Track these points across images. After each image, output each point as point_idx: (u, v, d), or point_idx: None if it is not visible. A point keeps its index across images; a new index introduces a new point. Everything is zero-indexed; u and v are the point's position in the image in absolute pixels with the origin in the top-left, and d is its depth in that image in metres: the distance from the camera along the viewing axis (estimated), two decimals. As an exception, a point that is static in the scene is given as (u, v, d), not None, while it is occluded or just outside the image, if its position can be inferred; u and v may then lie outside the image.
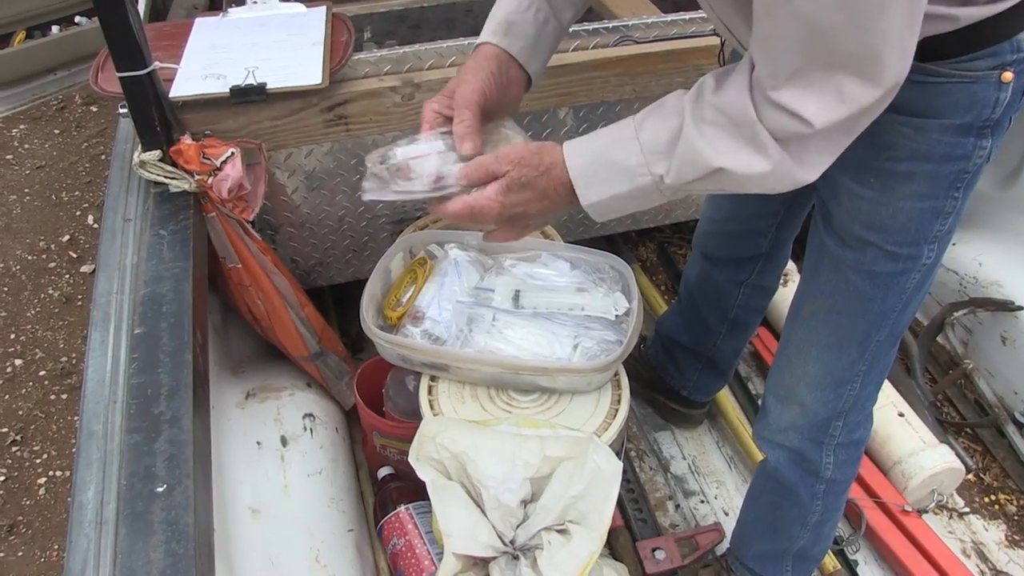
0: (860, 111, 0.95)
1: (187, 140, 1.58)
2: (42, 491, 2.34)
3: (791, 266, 2.35)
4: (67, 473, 2.37)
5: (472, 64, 1.27)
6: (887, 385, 2.15)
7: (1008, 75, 1.08)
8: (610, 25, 1.95)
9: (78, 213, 3.40)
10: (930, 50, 1.04)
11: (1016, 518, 2.08)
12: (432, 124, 1.27)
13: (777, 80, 0.95)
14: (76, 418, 2.31)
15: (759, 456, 1.61)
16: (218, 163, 1.57)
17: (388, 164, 1.24)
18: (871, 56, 0.90)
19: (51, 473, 2.39)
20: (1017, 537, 2.03)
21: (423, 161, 1.22)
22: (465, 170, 1.17)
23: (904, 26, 0.89)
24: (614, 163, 1.09)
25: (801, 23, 0.89)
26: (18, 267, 3.11)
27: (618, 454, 1.55)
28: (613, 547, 1.86)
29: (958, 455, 2.07)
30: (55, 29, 3.99)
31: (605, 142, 1.11)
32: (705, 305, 1.94)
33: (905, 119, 1.13)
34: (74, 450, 1.20)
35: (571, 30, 1.90)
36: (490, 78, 1.25)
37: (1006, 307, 2.19)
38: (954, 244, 2.32)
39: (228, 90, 1.63)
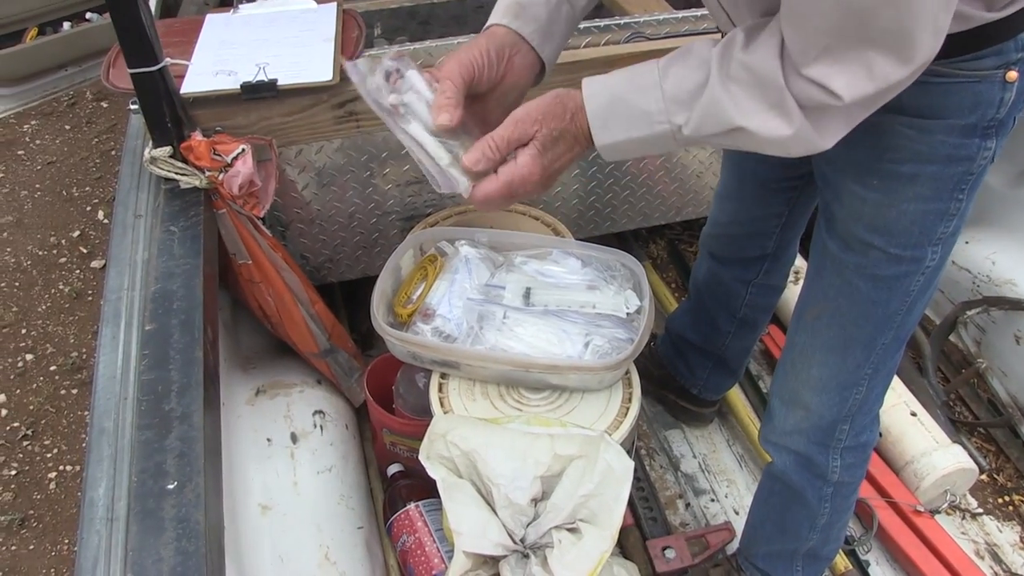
0: (888, 87, 0.94)
1: (198, 136, 1.58)
2: (53, 485, 2.35)
3: (801, 263, 2.33)
4: (77, 468, 2.38)
5: (470, 42, 1.20)
6: (899, 384, 2.14)
7: (1013, 74, 1.07)
8: (621, 22, 1.94)
9: (88, 208, 3.41)
10: None
11: (1029, 519, 2.07)
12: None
13: (807, 56, 0.93)
14: (86, 413, 2.32)
15: (768, 456, 1.61)
16: (229, 159, 1.57)
17: (389, 74, 1.18)
18: (904, 33, 0.88)
19: (61, 468, 2.39)
20: (1030, 538, 2.02)
21: (414, 109, 1.17)
22: (478, 153, 1.10)
23: (939, 6, 0.87)
24: (634, 107, 1.05)
25: (837, 1, 0.87)
26: (29, 262, 3.12)
27: (629, 452, 1.54)
28: (623, 546, 1.86)
29: (971, 455, 2.05)
30: (66, 25, 3.99)
31: (626, 85, 1.07)
32: (713, 304, 1.94)
33: (908, 120, 1.11)
34: (84, 445, 1.20)
35: (582, 26, 1.90)
36: (483, 54, 1.17)
37: (1020, 306, 2.18)
38: (967, 242, 2.31)
39: (239, 86, 1.63)
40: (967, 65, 1.06)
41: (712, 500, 2.07)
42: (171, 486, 1.09)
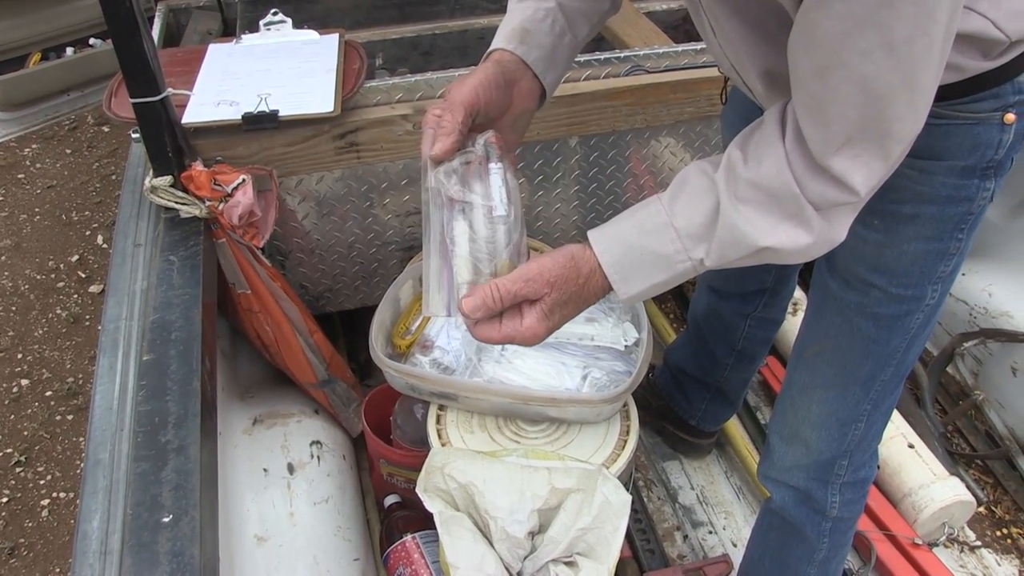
0: (890, 172, 0.94)
1: (199, 166, 1.58)
2: (45, 513, 2.33)
3: (799, 295, 2.34)
4: (71, 495, 2.37)
5: (476, 70, 1.16)
6: (897, 416, 2.14)
7: (1011, 116, 1.08)
8: (622, 55, 1.95)
9: (88, 233, 3.41)
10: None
11: (1028, 552, 2.06)
12: (431, 127, 1.12)
13: (829, 147, 0.90)
14: (82, 439, 2.31)
15: (767, 491, 1.60)
16: (229, 189, 1.57)
17: (470, 162, 1.09)
18: (914, 116, 0.88)
19: (55, 495, 2.38)
20: (1029, 572, 2.01)
21: (472, 212, 1.08)
22: (479, 299, 1.01)
23: (935, 79, 0.87)
24: (650, 252, 1.01)
25: (858, 87, 0.85)
26: (27, 286, 3.12)
27: (627, 485, 1.54)
28: (620, 578, 1.85)
29: (969, 487, 2.05)
30: (69, 51, 4.01)
31: (636, 232, 1.02)
32: (712, 337, 1.94)
33: (909, 161, 1.12)
34: (79, 472, 1.20)
35: (582, 59, 1.91)
36: (488, 81, 1.13)
37: (1016, 338, 2.18)
38: (963, 274, 2.31)
39: (240, 117, 1.64)
40: (966, 108, 1.07)
41: (710, 532, 2.06)
42: (166, 519, 1.08)
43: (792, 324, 2.24)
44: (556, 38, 1.22)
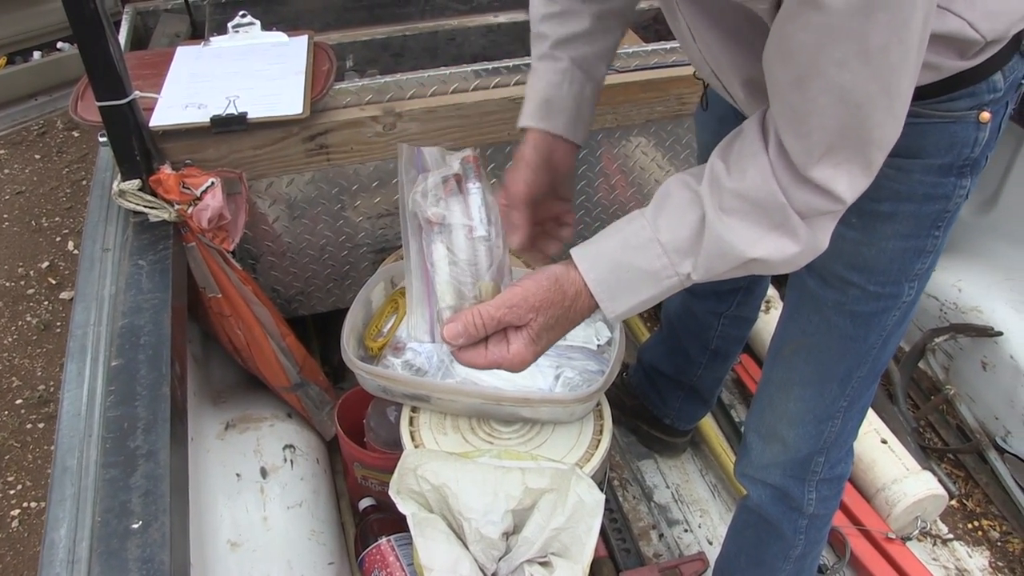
0: (873, 177, 0.93)
1: (167, 170, 1.57)
2: (15, 523, 2.30)
3: (772, 292, 2.35)
4: (42, 504, 2.34)
5: (520, 155, 1.24)
6: (870, 412, 2.14)
7: (986, 115, 1.09)
8: (591, 54, 1.95)
9: (58, 239, 3.38)
10: None
11: (999, 544, 2.08)
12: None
13: (811, 157, 0.90)
14: (53, 448, 2.28)
15: (743, 489, 1.61)
16: (198, 193, 1.56)
17: (447, 180, 1.09)
18: (894, 122, 0.88)
19: (25, 504, 2.35)
20: (1000, 563, 2.03)
21: (451, 233, 1.08)
22: (460, 326, 1.00)
23: (912, 83, 0.87)
24: (636, 269, 1.00)
25: (836, 97, 0.85)
26: (-4, 294, 3.08)
27: (601, 484, 1.54)
28: (597, 578, 1.85)
29: (941, 481, 2.07)
30: (37, 55, 3.99)
31: (620, 248, 1.01)
32: (686, 336, 1.94)
33: (887, 159, 1.13)
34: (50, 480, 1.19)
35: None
36: (532, 169, 1.22)
37: (986, 333, 2.20)
38: (934, 270, 2.33)
39: (209, 119, 1.63)
40: (942, 106, 1.08)
41: (685, 530, 2.07)
42: (136, 525, 1.07)
43: (765, 322, 2.26)
44: (577, 95, 1.25)
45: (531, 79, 1.27)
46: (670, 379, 2.05)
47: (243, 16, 1.97)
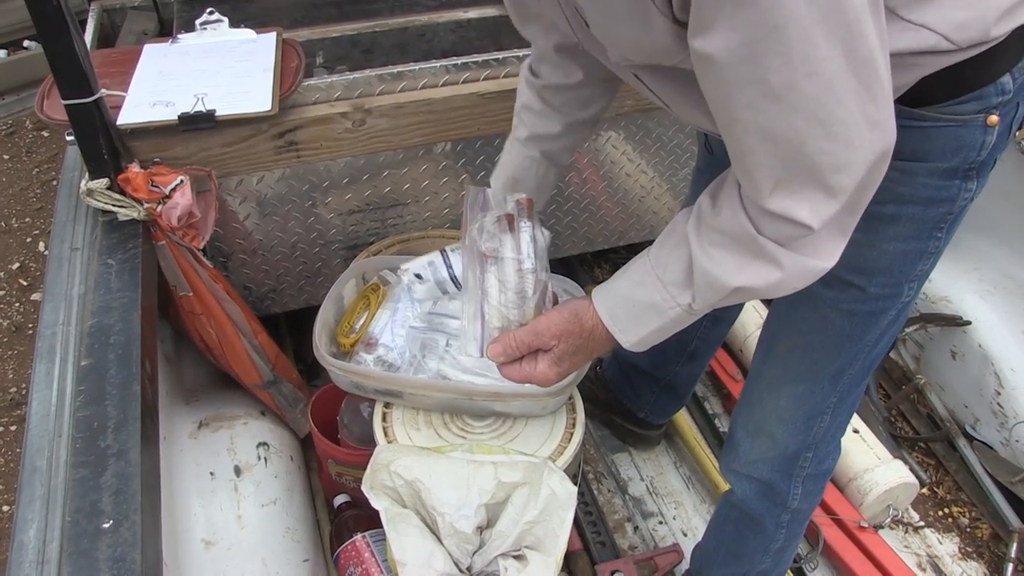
0: (854, 194, 0.92)
1: (135, 168, 1.56)
2: (-11, 526, 2.29)
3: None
4: (13, 508, 2.32)
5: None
6: (841, 402, 2.17)
7: (994, 118, 1.07)
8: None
9: (28, 240, 3.34)
10: (917, 95, 1.04)
11: (968, 530, 2.11)
12: None
13: (761, 192, 0.92)
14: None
15: (717, 477, 1.62)
16: (167, 191, 1.56)
17: (500, 219, 1.24)
18: (842, 144, 0.87)
19: (-2, 507, 2.34)
20: (969, 549, 2.06)
21: (503, 266, 1.23)
22: (501, 346, 1.17)
23: (864, 101, 0.85)
24: (641, 303, 1.08)
25: (760, 137, 0.87)
26: (-34, 296, 3.05)
27: (575, 477, 1.55)
28: (572, 571, 1.86)
29: (912, 470, 2.10)
30: (2, 53, 3.94)
31: (628, 285, 1.11)
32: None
33: (891, 162, 1.12)
34: (19, 485, 1.19)
35: (522, 53, 1.92)
36: None
37: (955, 322, 2.23)
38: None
39: (177, 117, 1.62)
40: (949, 110, 1.07)
41: (660, 523, 2.08)
42: (106, 525, 1.07)
43: (740, 319, 2.27)
44: (541, 178, 1.47)
45: (507, 151, 1.48)
46: (646, 374, 2.06)
47: (211, 13, 1.96)
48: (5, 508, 2.33)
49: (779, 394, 1.43)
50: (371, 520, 1.75)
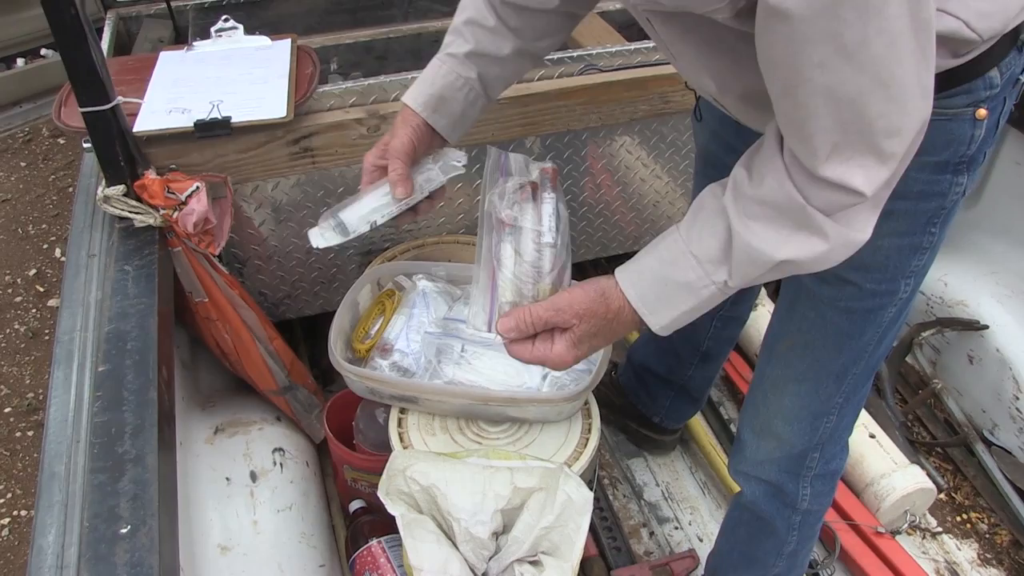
0: (899, 164, 0.93)
1: (151, 175, 1.57)
2: (5, 532, 2.30)
3: (760, 292, 2.36)
4: (32, 513, 2.33)
5: (401, 119, 1.31)
6: (858, 406, 2.16)
7: (983, 112, 1.08)
8: (575, 54, 1.96)
9: (45, 246, 3.37)
10: None
11: (988, 536, 2.09)
12: (370, 175, 1.31)
13: (817, 158, 0.90)
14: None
15: (732, 481, 1.61)
16: (183, 197, 1.56)
17: (523, 186, 1.19)
18: (899, 108, 0.87)
19: (15, 513, 2.35)
20: (989, 556, 2.04)
21: (521, 235, 1.17)
22: (513, 321, 1.09)
23: (920, 66, 0.86)
24: (674, 282, 1.03)
25: (826, 98, 0.86)
26: (-17, 302, 3.07)
27: (590, 483, 1.54)
28: (588, 576, 1.85)
29: (929, 475, 2.08)
30: (20, 62, 3.97)
31: (658, 264, 1.05)
32: (677, 337, 1.92)
33: None
34: (37, 491, 1.20)
35: (536, 59, 1.92)
36: (418, 130, 1.29)
37: (972, 326, 2.21)
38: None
39: (192, 124, 1.63)
40: (939, 104, 1.05)
41: (676, 528, 2.07)
42: (124, 530, 1.07)
43: (753, 319, 2.26)
44: (469, 106, 1.33)
45: (434, 67, 1.33)
46: (660, 378, 2.05)
47: (226, 21, 1.97)
48: (23, 513, 2.34)
49: (783, 393, 1.43)
50: (387, 526, 1.75)
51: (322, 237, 1.32)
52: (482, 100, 1.35)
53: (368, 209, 1.30)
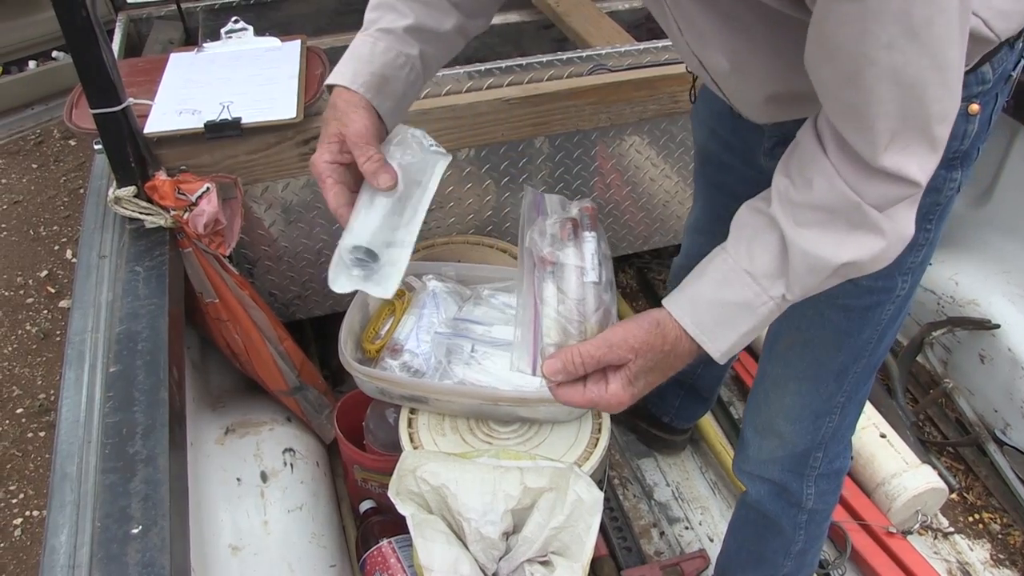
0: (941, 152, 0.92)
1: (162, 176, 1.58)
2: (18, 532, 2.31)
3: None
4: (44, 513, 2.34)
5: (345, 104, 1.16)
6: (868, 406, 2.15)
7: (975, 107, 1.08)
8: (584, 54, 1.96)
9: (56, 248, 3.38)
10: None
11: (1000, 536, 2.08)
12: (333, 177, 1.17)
13: (877, 148, 0.88)
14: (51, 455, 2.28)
15: (742, 485, 1.61)
16: (194, 198, 1.57)
17: (564, 224, 1.15)
18: (949, 93, 0.87)
19: (28, 513, 2.36)
20: (1002, 556, 2.03)
21: (563, 273, 1.13)
22: (560, 362, 1.01)
23: (961, 50, 0.85)
24: (730, 304, 0.99)
25: (891, 81, 0.83)
26: (-5, 303, 3.09)
27: (600, 483, 1.54)
28: (598, 576, 1.85)
29: (941, 475, 2.07)
30: (32, 64, 4.00)
31: (711, 287, 1.01)
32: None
33: None
34: (49, 491, 1.21)
35: (545, 59, 1.92)
36: (371, 113, 1.16)
37: (983, 325, 2.20)
38: (931, 264, 2.33)
39: (203, 125, 1.63)
40: None
41: (686, 528, 2.07)
42: (135, 530, 1.07)
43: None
44: (410, 87, 1.22)
45: (367, 43, 1.19)
46: (670, 378, 2.04)
47: (236, 22, 1.98)
48: (35, 513, 2.35)
49: (784, 392, 1.43)
50: (397, 526, 1.75)
51: (348, 281, 1.24)
52: (421, 82, 1.25)
53: (377, 224, 1.19)
